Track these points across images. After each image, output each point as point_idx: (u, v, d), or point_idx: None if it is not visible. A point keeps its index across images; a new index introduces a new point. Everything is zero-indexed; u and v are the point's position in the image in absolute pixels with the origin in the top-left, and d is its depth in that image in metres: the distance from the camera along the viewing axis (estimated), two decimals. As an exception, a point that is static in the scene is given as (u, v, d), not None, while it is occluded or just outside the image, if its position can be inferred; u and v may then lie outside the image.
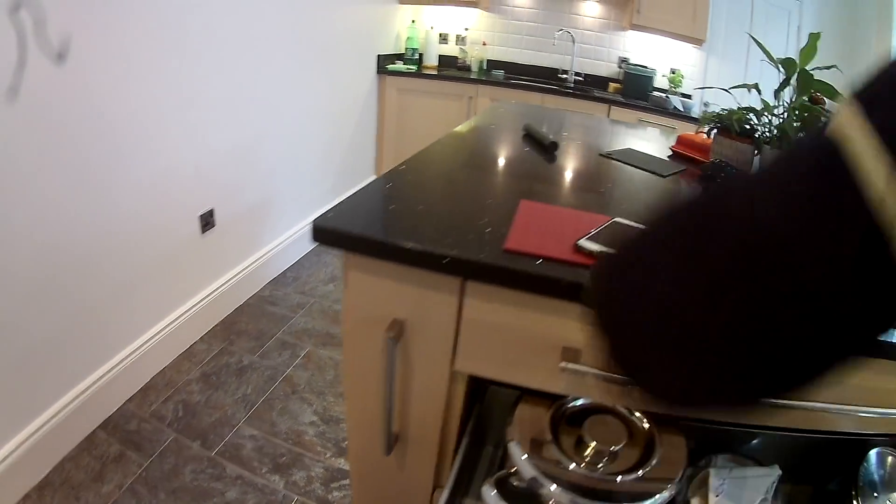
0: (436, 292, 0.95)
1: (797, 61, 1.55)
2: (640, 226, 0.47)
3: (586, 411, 1.02)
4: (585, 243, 0.94)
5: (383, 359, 1.00)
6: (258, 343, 2.61)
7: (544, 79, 4.38)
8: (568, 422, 1.02)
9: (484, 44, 4.45)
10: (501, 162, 1.52)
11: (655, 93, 3.91)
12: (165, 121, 2.14)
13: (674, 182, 1.56)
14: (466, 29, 4.50)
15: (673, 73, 4.11)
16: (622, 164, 1.65)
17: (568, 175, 1.48)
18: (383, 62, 4.11)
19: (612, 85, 4.21)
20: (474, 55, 4.44)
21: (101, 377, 2.08)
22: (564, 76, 4.37)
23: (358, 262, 0.97)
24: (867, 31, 3.67)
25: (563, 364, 0.90)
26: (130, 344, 2.22)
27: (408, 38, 4.37)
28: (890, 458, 1.11)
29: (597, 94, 3.92)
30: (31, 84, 1.59)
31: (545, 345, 0.93)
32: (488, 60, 4.49)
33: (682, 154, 1.93)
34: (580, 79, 4.36)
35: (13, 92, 1.51)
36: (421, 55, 4.45)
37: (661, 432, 1.00)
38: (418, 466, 1.20)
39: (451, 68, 4.49)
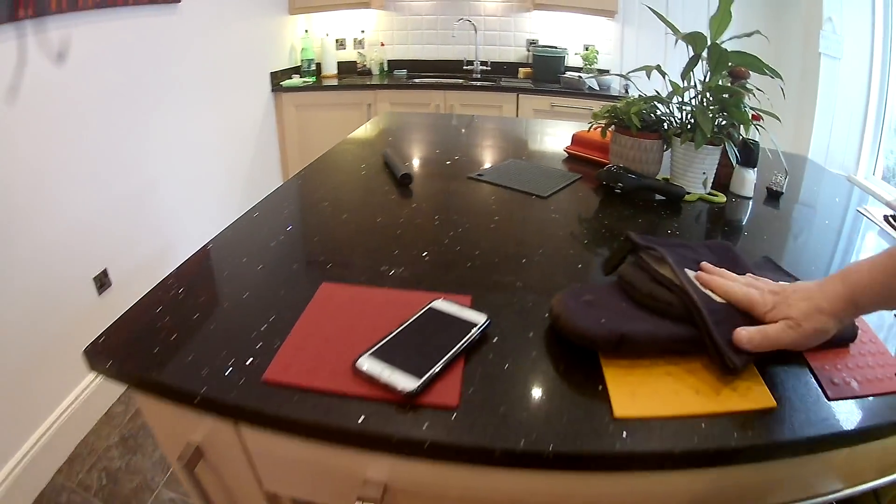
0: (213, 423, 0.75)
1: (707, 34, 1.25)
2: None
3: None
4: (365, 364, 0.66)
5: (187, 481, 0.81)
6: (172, 398, 2.53)
7: (449, 72, 4.12)
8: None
9: (382, 44, 4.14)
10: (335, 213, 1.19)
11: (568, 73, 3.62)
12: (41, 186, 2.05)
13: (558, 202, 1.26)
14: (363, 31, 4.19)
15: (587, 49, 3.83)
16: (494, 188, 1.34)
17: (410, 222, 1.15)
18: (278, 79, 3.80)
19: (523, 70, 3.94)
20: (373, 58, 4.13)
21: (28, 452, 2.07)
22: (470, 67, 4.08)
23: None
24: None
25: None
26: (49, 416, 2.20)
27: (302, 49, 4.03)
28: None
29: (504, 84, 3.64)
30: None
31: (343, 479, 0.72)
32: (389, 61, 4.20)
33: (579, 156, 1.63)
34: (486, 68, 4.09)
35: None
36: (319, 65, 4.13)
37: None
38: None
39: (351, 74, 4.19)
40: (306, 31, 4.06)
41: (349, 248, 1.02)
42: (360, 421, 0.60)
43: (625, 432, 0.59)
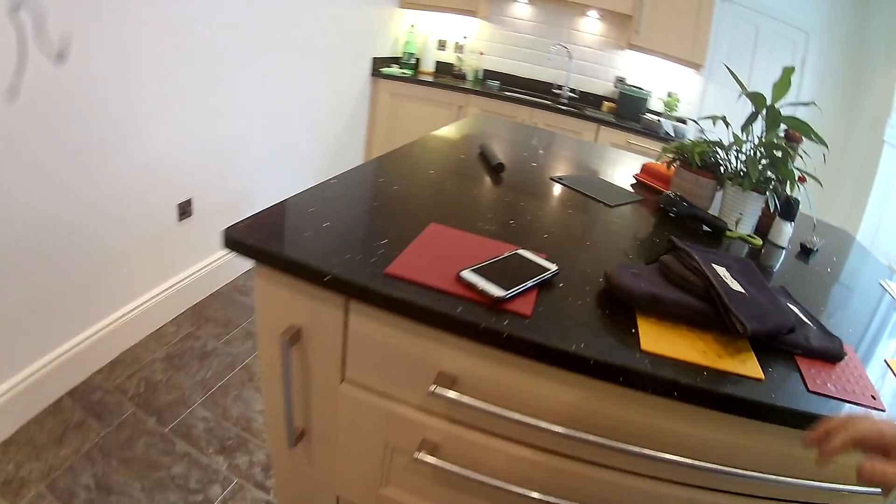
0: (324, 305, 0.97)
1: (768, 95, 1.46)
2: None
3: None
4: (467, 274, 0.89)
5: (281, 358, 1.02)
6: (224, 330, 2.70)
7: (539, 92, 4.33)
8: None
9: (481, 53, 4.39)
10: (439, 180, 1.45)
11: (648, 115, 3.82)
12: (148, 112, 2.27)
13: (622, 213, 1.48)
14: (465, 37, 4.45)
15: (669, 96, 4.02)
16: (570, 191, 1.57)
17: (501, 198, 1.40)
18: (378, 65, 4.08)
19: (607, 104, 4.14)
20: (470, 64, 4.38)
21: (73, 347, 2.22)
22: (559, 91, 4.29)
23: (262, 269, 1.00)
24: (873, 65, 3.60)
25: (432, 387, 0.89)
26: (103, 319, 2.37)
27: (406, 42, 4.33)
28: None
29: (588, 113, 3.84)
30: (30, 83, 1.69)
31: (423, 367, 0.94)
32: (485, 70, 4.45)
33: (646, 183, 1.85)
34: (574, 95, 4.29)
35: (13, 92, 1.55)
36: (418, 60, 4.40)
37: None
38: (324, 463, 1.20)
39: (446, 75, 4.44)
40: (412, 25, 4.34)
41: (451, 205, 1.26)
42: (458, 311, 0.83)
43: (647, 361, 0.81)
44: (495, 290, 0.85)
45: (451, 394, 0.89)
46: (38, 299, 2.01)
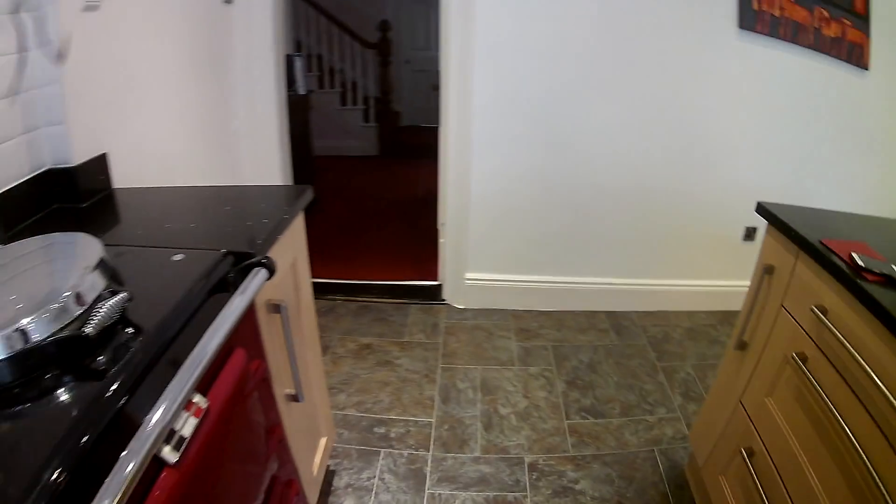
0: (786, 252, 1.66)
1: None
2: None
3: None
4: (855, 255, 1.44)
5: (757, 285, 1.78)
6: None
7: None
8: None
9: None
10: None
11: None
12: (738, 150, 3.16)
13: None
14: None
15: None
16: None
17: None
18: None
19: None
20: None
21: (626, 285, 3.29)
22: None
23: (770, 228, 1.76)
24: None
25: (812, 308, 1.52)
26: (657, 279, 3.35)
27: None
28: None
29: None
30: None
31: (812, 297, 1.51)
32: None
33: None
34: None
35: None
36: None
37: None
38: (744, 372, 1.83)
39: None
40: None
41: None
42: (838, 263, 1.45)
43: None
44: (863, 263, 1.47)
45: (822, 317, 1.44)
46: (626, 240, 3.10)
